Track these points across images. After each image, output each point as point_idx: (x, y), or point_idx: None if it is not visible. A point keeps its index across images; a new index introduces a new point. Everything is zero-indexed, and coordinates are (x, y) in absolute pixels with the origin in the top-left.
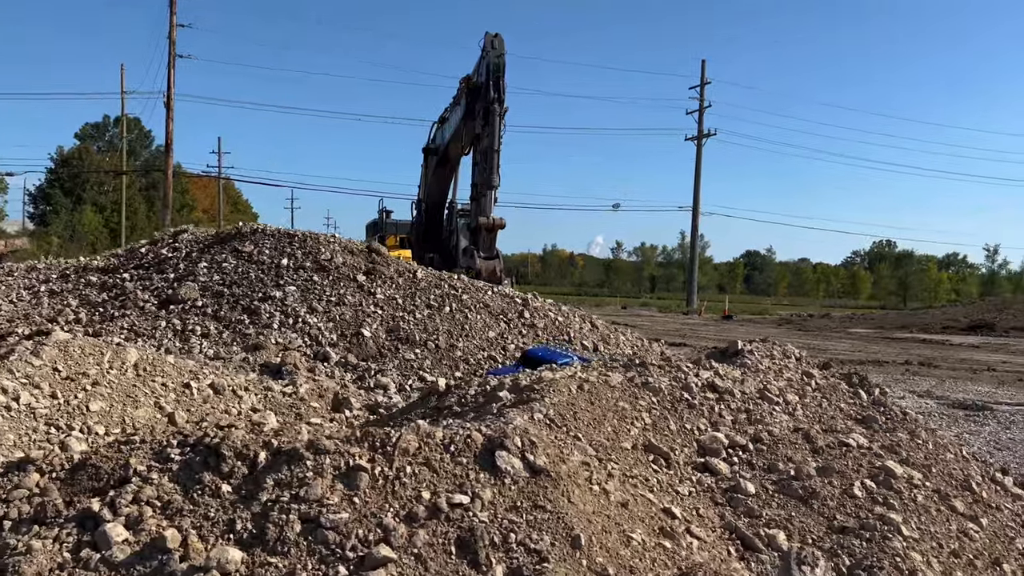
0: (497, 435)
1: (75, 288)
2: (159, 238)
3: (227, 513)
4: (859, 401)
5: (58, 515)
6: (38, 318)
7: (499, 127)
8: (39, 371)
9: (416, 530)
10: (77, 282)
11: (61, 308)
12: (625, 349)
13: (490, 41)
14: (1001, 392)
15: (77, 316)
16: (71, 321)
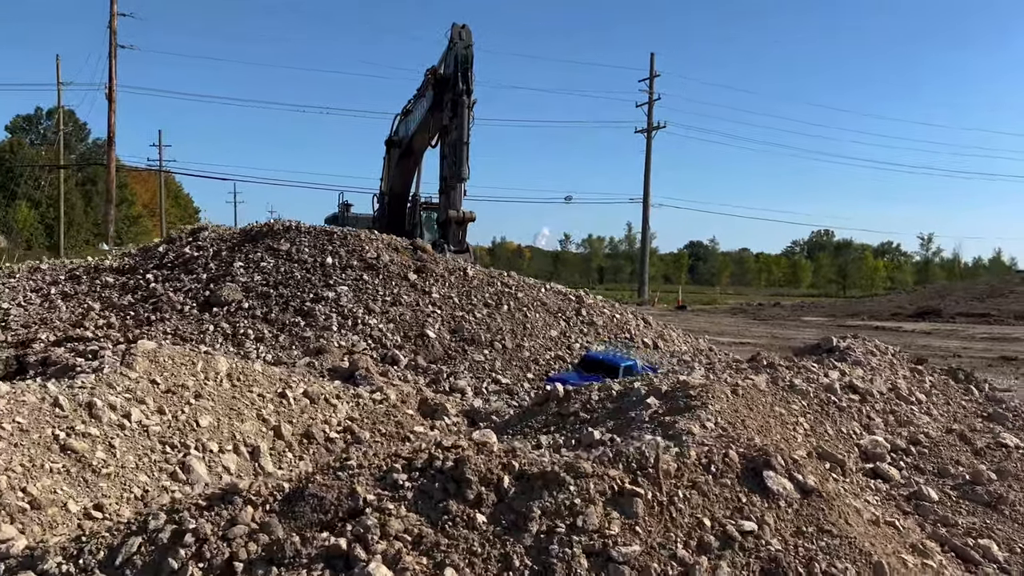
0: (758, 454)
1: (91, 290)
2: (176, 236)
3: (495, 547)
4: (974, 397)
5: (297, 555)
6: (58, 323)
7: (468, 119)
8: (138, 384)
9: (716, 563)
10: (92, 284)
11: (84, 312)
12: (681, 346)
13: (457, 32)
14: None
15: (107, 320)
16: (101, 326)
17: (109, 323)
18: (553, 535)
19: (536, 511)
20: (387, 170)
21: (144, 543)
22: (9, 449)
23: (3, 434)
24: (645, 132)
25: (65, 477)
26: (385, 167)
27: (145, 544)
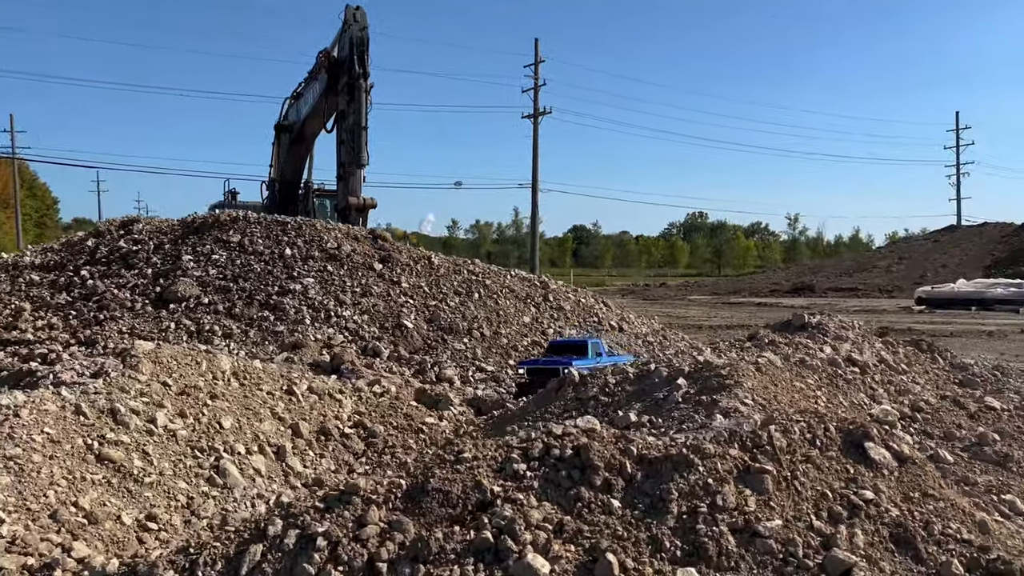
0: (855, 427)
1: (15, 289)
2: (105, 229)
3: (639, 530)
4: (941, 365)
5: (442, 551)
6: None
7: (365, 103)
8: (150, 387)
9: (852, 531)
10: (14, 283)
11: (15, 313)
12: (641, 328)
13: (352, 14)
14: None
15: (47, 321)
16: (41, 327)
17: (50, 324)
18: (697, 515)
19: (674, 492)
20: (277, 156)
21: (267, 550)
22: (46, 462)
23: (36, 446)
24: (532, 117)
25: (108, 488)
26: (275, 153)
27: (269, 551)
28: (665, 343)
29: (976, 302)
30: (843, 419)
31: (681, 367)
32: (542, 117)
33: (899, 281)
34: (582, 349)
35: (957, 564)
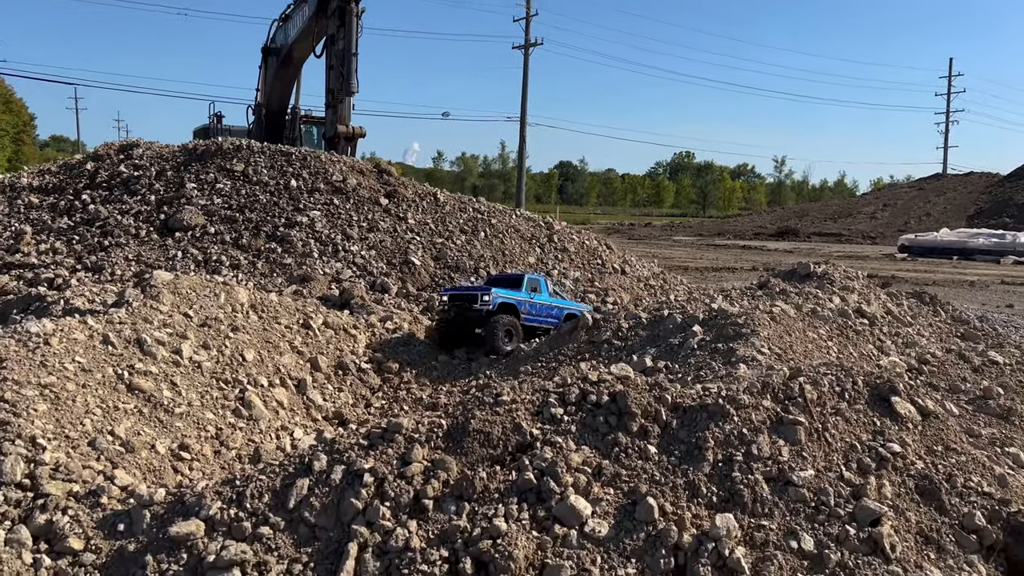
0: (883, 382)
1: (15, 212)
2: (104, 153)
3: (676, 476)
4: (943, 318)
5: (486, 490)
6: None
7: (356, 28)
8: (172, 318)
9: (882, 481)
10: (12, 204)
11: (15, 236)
12: (642, 271)
13: None
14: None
15: (50, 245)
16: (45, 251)
17: (53, 248)
18: (732, 463)
19: (710, 441)
20: (264, 80)
21: (313, 484)
22: (79, 390)
23: (68, 375)
24: (522, 48)
25: (140, 418)
26: (262, 77)
27: (316, 485)
28: (666, 287)
29: (958, 251)
30: (869, 373)
31: (696, 314)
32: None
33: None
34: (516, 283)
35: (979, 516)
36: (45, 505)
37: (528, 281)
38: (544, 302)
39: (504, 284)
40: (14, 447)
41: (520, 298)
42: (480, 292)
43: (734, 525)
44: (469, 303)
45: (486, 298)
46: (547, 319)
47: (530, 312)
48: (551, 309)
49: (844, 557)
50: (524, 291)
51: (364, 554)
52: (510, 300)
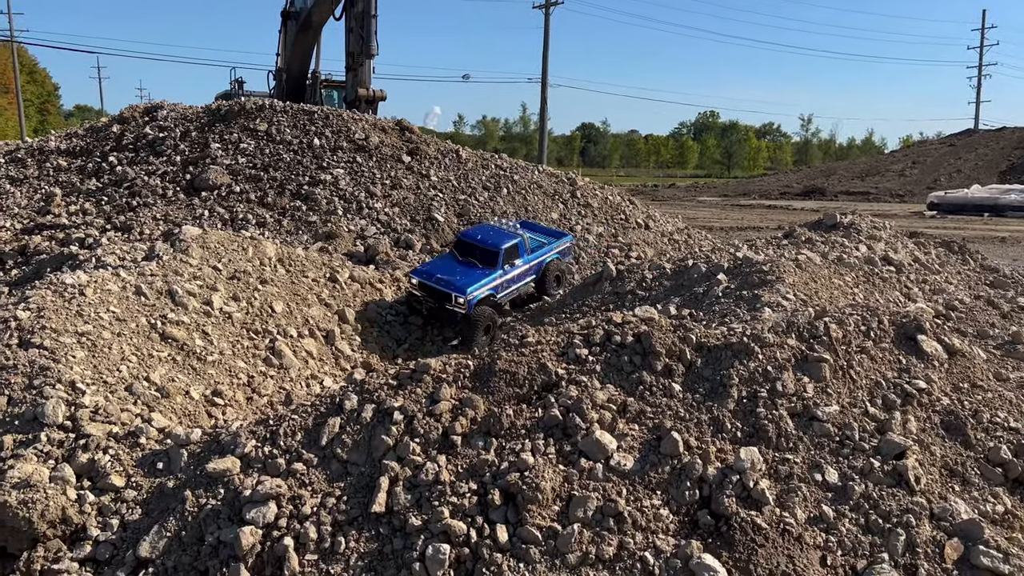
0: (909, 321)
1: (43, 175)
2: (128, 115)
3: (700, 412)
4: (972, 266)
5: (513, 426)
6: (18, 210)
7: None
8: (202, 271)
9: (907, 416)
10: (41, 168)
11: (46, 198)
12: (666, 225)
13: None
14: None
15: (80, 207)
16: (75, 212)
17: (83, 209)
18: (757, 399)
19: (734, 378)
20: (283, 45)
21: (345, 422)
22: (115, 339)
23: (104, 324)
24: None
25: (174, 365)
26: (281, 41)
27: (347, 423)
28: (691, 242)
29: (989, 208)
30: (896, 312)
31: (720, 263)
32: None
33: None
34: (491, 259)
35: (1005, 450)
36: (87, 445)
37: (505, 253)
38: (521, 267)
39: (479, 259)
40: (54, 391)
41: (496, 282)
42: (454, 292)
43: (758, 458)
44: (442, 301)
45: (461, 300)
46: (524, 280)
47: (507, 287)
48: (528, 272)
49: (868, 489)
50: (500, 267)
51: (395, 487)
52: (487, 293)
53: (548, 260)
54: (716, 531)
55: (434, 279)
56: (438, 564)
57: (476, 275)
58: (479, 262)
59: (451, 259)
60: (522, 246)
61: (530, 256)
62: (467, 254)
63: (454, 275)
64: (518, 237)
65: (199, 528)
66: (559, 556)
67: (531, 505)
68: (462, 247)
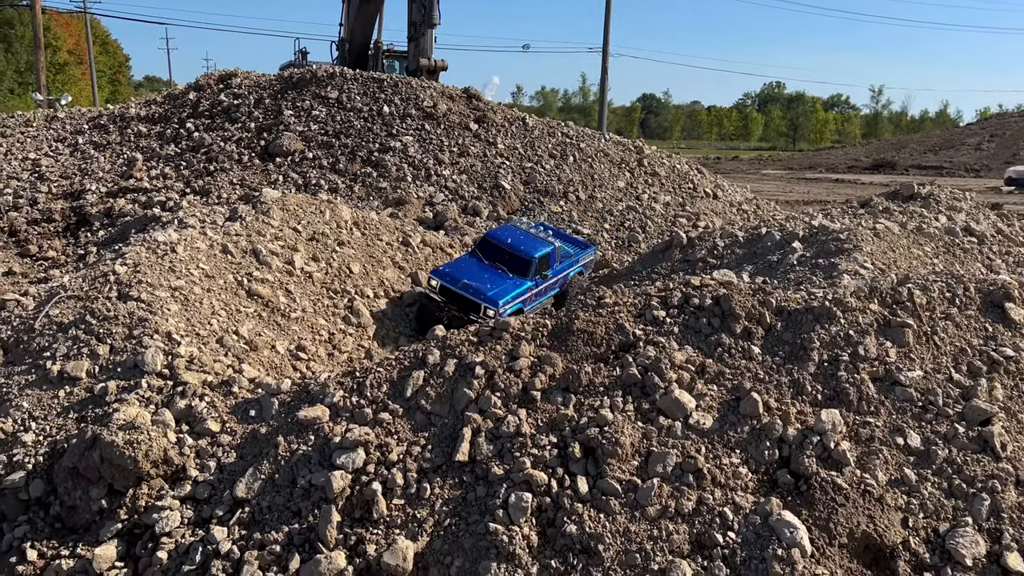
0: (996, 288)
1: (125, 140)
2: (204, 83)
3: (780, 375)
4: None
5: (591, 383)
6: (102, 174)
7: None
8: (283, 232)
9: (994, 384)
10: (123, 134)
11: (128, 163)
12: (735, 195)
13: None
14: None
15: (160, 171)
16: (156, 177)
17: (163, 173)
18: (838, 363)
19: (815, 342)
20: (347, 15)
21: (428, 375)
22: (205, 294)
23: (195, 280)
24: None
25: (260, 320)
26: (344, 12)
27: (431, 376)
28: (760, 212)
29: None
30: (982, 280)
31: (795, 231)
32: None
33: (988, 160)
34: (524, 268)
35: None
36: (184, 392)
37: (538, 263)
38: (551, 280)
39: (508, 266)
40: (153, 341)
41: (527, 295)
42: (485, 304)
43: (839, 420)
44: (468, 310)
45: (491, 313)
46: (548, 294)
47: (534, 301)
48: (552, 287)
49: (952, 454)
50: (531, 279)
51: (478, 438)
52: (518, 306)
53: (573, 273)
54: (795, 490)
55: (460, 284)
56: (520, 511)
57: (508, 285)
58: (509, 269)
59: (476, 261)
60: (553, 256)
61: (559, 267)
62: (495, 258)
63: (483, 282)
64: (551, 246)
65: (291, 472)
66: (639, 508)
67: (611, 459)
68: (489, 249)
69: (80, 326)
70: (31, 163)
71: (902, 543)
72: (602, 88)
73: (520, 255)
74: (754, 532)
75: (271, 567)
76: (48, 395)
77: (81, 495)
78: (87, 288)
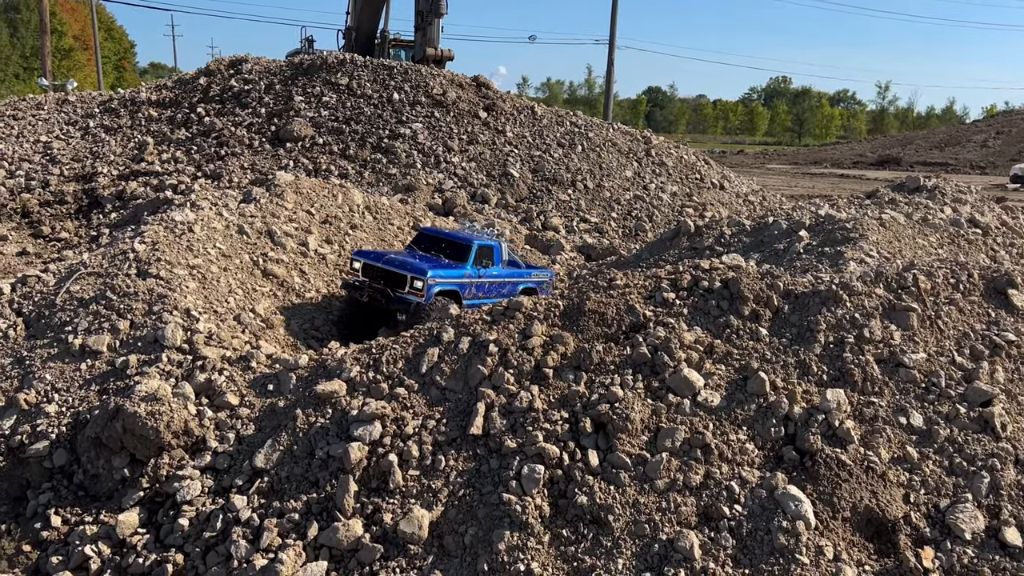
0: (999, 275)
1: (135, 124)
2: (214, 68)
3: (787, 356)
4: None
5: (602, 362)
6: (113, 157)
7: None
8: (297, 215)
9: (995, 367)
10: (133, 118)
11: (139, 147)
12: (741, 187)
13: None
14: None
15: (171, 155)
16: (167, 160)
17: (174, 157)
18: (843, 344)
19: (821, 324)
20: (354, 4)
21: (443, 352)
22: (222, 273)
23: (212, 259)
24: None
25: (275, 299)
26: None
27: (445, 353)
28: (766, 203)
29: None
30: (986, 267)
31: (802, 219)
32: None
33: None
34: (462, 253)
35: None
36: (203, 366)
37: (478, 251)
38: (494, 279)
39: (446, 253)
40: (172, 317)
41: (465, 279)
42: (411, 274)
43: (844, 399)
44: (392, 286)
45: (418, 285)
46: (495, 298)
47: (475, 295)
48: (502, 287)
49: (953, 433)
50: (471, 266)
51: (491, 412)
52: (451, 287)
53: (527, 286)
54: (800, 466)
55: (384, 260)
56: (533, 482)
57: (441, 264)
58: (446, 256)
59: (408, 251)
60: (498, 252)
61: (508, 270)
62: (430, 248)
63: (412, 259)
64: (496, 243)
65: (309, 443)
66: (648, 481)
67: (621, 434)
68: (424, 240)
69: (101, 302)
70: (43, 146)
71: (903, 518)
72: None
73: (458, 240)
74: (760, 505)
75: (290, 534)
76: (70, 368)
77: (104, 464)
78: (107, 265)
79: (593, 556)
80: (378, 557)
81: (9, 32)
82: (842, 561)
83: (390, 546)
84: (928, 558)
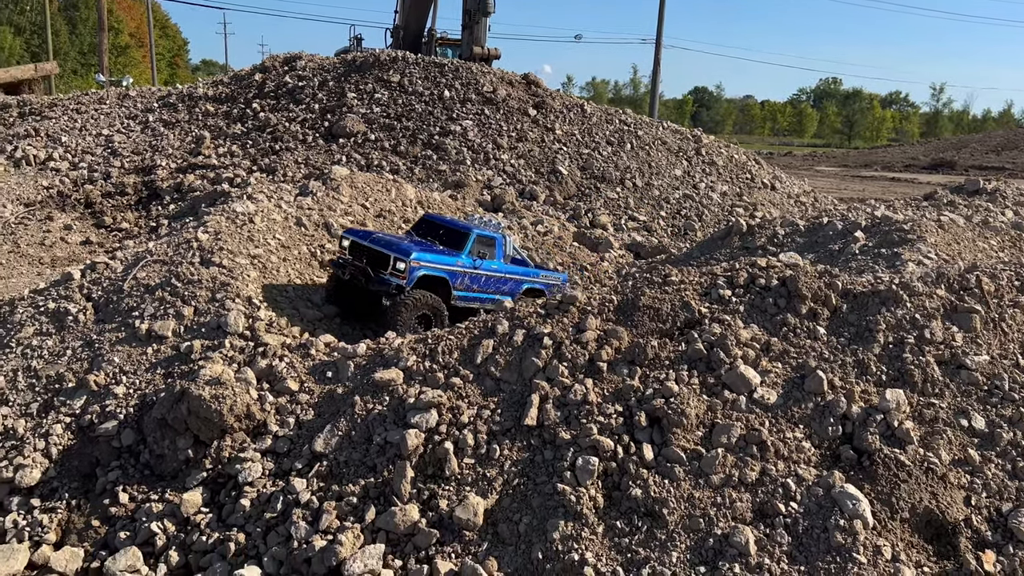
0: None
1: (193, 119)
2: (269, 65)
3: (845, 355)
4: None
5: (657, 357)
6: (171, 151)
7: None
8: (352, 208)
9: None
10: (191, 112)
11: (196, 141)
12: (792, 188)
13: None
14: None
15: (227, 149)
16: (223, 154)
17: (231, 151)
18: (903, 345)
19: (881, 324)
20: (402, 2)
21: (497, 344)
22: (281, 263)
23: (271, 249)
24: None
25: None
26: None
27: (500, 345)
28: (817, 204)
29: None
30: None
31: (858, 220)
32: None
33: None
34: (459, 240)
35: None
36: (265, 352)
37: (476, 241)
38: (493, 272)
39: (442, 240)
40: (235, 304)
41: (456, 268)
42: (394, 255)
43: (903, 400)
44: (375, 267)
45: (400, 267)
46: (494, 295)
47: (469, 288)
48: (503, 283)
49: (1017, 437)
50: (466, 255)
51: (546, 404)
52: (439, 273)
53: (534, 287)
54: (858, 465)
55: (371, 239)
56: (587, 474)
57: (432, 248)
58: (442, 244)
59: (405, 235)
60: (500, 245)
61: (510, 266)
62: (428, 234)
63: (401, 240)
64: (497, 234)
65: (367, 429)
66: (703, 476)
67: (676, 428)
68: (425, 227)
69: (166, 288)
70: (104, 139)
71: (964, 520)
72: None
73: (456, 228)
74: (816, 503)
75: (348, 517)
76: (137, 351)
77: (169, 445)
78: (172, 253)
79: (647, 548)
80: (434, 542)
81: (68, 29)
82: (900, 562)
83: (446, 532)
84: (990, 562)
